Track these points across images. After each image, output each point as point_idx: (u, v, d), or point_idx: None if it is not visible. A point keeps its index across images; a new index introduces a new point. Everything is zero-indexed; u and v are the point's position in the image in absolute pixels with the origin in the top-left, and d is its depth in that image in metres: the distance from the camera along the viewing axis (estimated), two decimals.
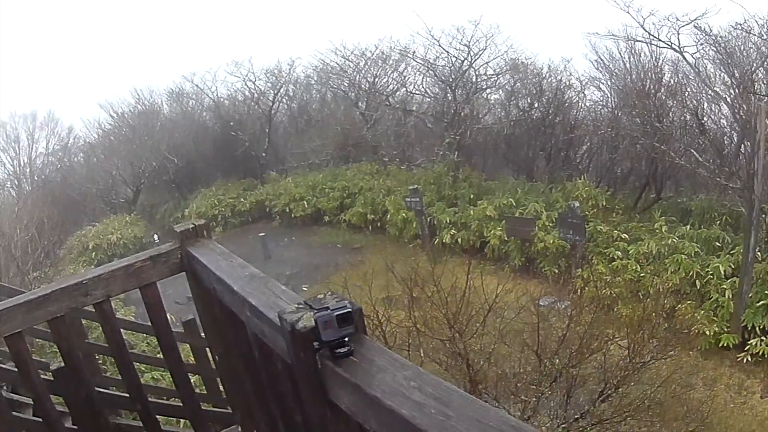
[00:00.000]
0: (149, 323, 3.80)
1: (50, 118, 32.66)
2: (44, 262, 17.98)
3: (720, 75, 15.53)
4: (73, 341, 3.56)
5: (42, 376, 3.58)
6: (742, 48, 14.92)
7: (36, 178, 31.17)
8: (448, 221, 18.11)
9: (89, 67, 47.28)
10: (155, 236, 25.09)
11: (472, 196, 18.90)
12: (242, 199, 26.85)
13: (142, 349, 8.64)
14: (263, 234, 21.49)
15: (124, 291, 3.63)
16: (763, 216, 11.66)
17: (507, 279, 11.97)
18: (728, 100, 15.06)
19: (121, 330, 4.18)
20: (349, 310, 1.98)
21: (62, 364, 3.55)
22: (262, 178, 28.41)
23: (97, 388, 3.83)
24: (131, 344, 7.54)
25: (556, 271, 14.64)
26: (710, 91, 15.38)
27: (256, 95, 29.86)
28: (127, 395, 3.91)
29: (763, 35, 14.35)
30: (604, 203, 16.43)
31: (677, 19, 15.47)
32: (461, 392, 1.73)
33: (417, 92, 24.65)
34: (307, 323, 1.99)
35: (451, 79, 21.24)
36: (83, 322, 5.65)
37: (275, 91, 29.56)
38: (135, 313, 12.41)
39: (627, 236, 14.45)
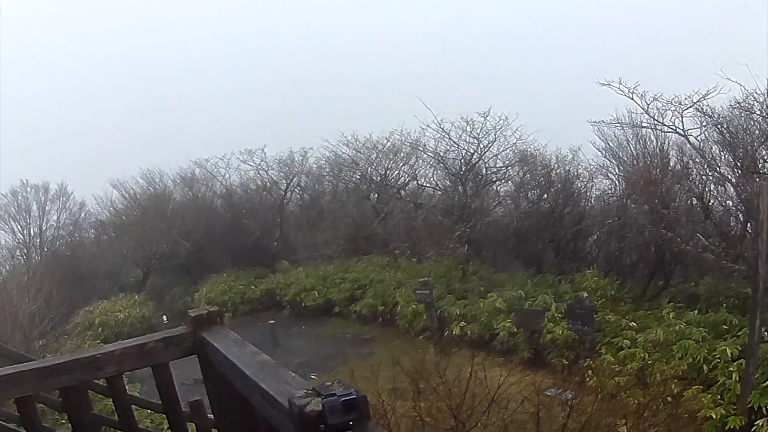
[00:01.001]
0: (157, 401, 3.90)
1: (62, 192, 33.12)
2: (50, 332, 18.09)
3: (724, 156, 15.80)
4: (82, 411, 3.67)
5: None
6: (744, 126, 15.22)
7: (45, 250, 31.36)
8: (457, 313, 18.05)
9: (102, 142, 48.48)
10: (164, 317, 25.13)
11: (482, 289, 18.91)
12: (253, 287, 26.95)
13: (146, 425, 8.67)
14: (272, 322, 21.43)
15: (135, 368, 3.77)
16: None
17: (515, 371, 11.93)
18: (733, 180, 15.23)
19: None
20: (354, 397, 2.11)
21: None
22: (273, 267, 28.54)
23: None
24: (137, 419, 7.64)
25: (565, 361, 14.53)
26: (715, 173, 15.56)
27: (268, 184, 30.35)
28: None
29: (763, 113, 14.65)
30: (613, 293, 16.45)
31: (680, 103, 15.89)
32: None
33: (428, 185, 25.06)
34: (315, 408, 2.11)
35: (461, 172, 21.57)
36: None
37: (288, 182, 30.10)
38: (140, 390, 12.43)
39: (635, 324, 14.42)
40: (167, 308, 27.71)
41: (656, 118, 16.54)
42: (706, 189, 15.95)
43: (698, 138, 16.15)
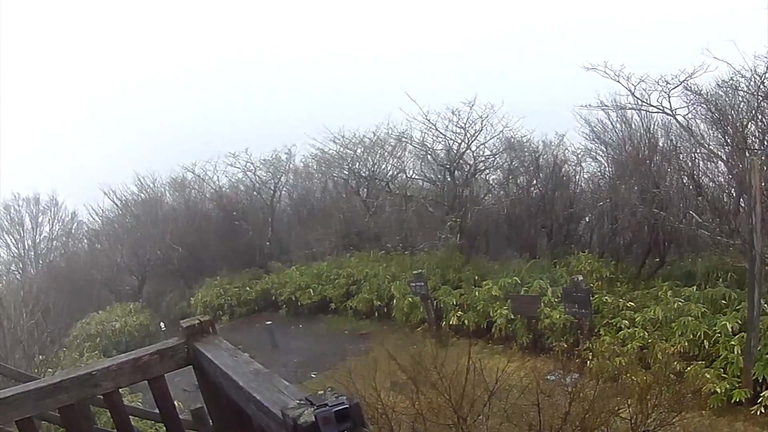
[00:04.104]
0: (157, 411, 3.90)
1: (53, 202, 33.21)
2: (50, 346, 18.05)
3: (713, 133, 15.70)
4: (82, 428, 3.65)
5: None
6: (732, 103, 15.10)
7: (40, 262, 31.35)
8: (454, 303, 17.99)
9: (89, 150, 48.34)
10: (162, 324, 25.03)
11: (476, 277, 18.82)
12: (248, 288, 26.86)
13: None
14: (270, 322, 21.39)
15: (132, 383, 3.76)
16: (767, 268, 11.64)
17: (515, 358, 11.92)
18: (723, 157, 15.22)
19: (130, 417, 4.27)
20: (347, 406, 2.09)
21: None
22: (267, 267, 28.49)
23: None
24: (139, 430, 7.66)
25: (564, 345, 14.51)
26: (705, 150, 15.53)
27: (257, 185, 30.27)
28: None
29: (750, 89, 14.62)
30: (609, 274, 16.40)
31: (667, 83, 15.76)
32: None
33: (416, 177, 25.01)
34: (308, 419, 2.09)
35: (449, 163, 21.54)
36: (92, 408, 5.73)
37: (276, 181, 29.98)
38: (142, 399, 12.41)
39: (633, 304, 14.36)
40: (164, 315, 27.64)
41: (642, 99, 16.50)
42: (696, 166, 15.91)
43: (686, 117, 16.11)
